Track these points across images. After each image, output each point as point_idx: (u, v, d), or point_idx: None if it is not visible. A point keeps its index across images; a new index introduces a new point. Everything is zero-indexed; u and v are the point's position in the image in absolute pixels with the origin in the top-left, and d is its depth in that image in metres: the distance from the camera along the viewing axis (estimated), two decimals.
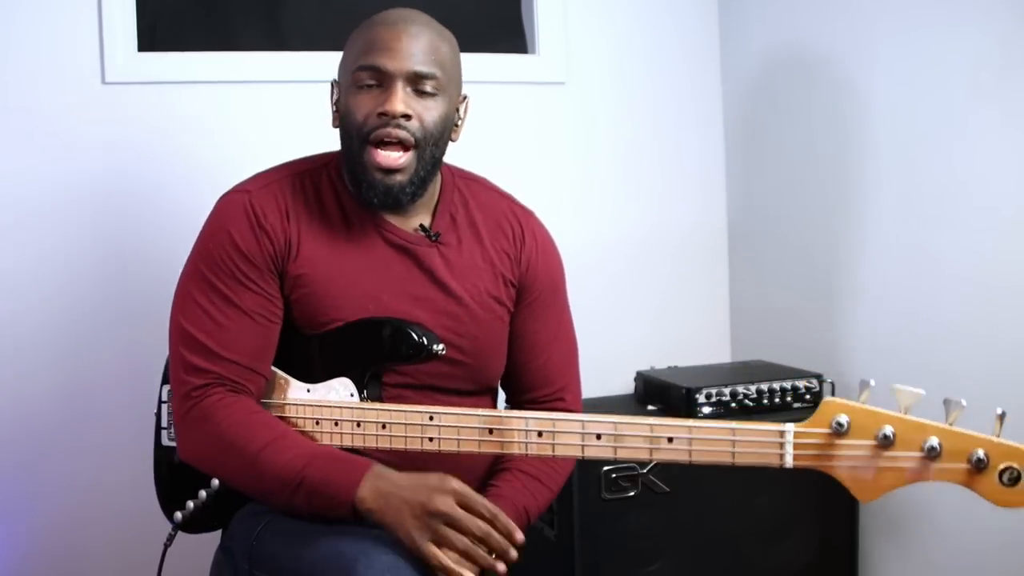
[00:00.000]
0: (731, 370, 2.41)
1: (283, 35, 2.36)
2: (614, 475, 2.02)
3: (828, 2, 2.26)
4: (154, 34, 2.22)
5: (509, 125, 2.45)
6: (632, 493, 2.03)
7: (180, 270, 1.56)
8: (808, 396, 2.20)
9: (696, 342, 2.58)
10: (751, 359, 2.47)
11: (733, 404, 2.16)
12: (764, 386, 2.18)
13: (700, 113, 2.62)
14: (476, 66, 2.39)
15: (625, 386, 2.42)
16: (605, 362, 2.38)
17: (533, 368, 1.64)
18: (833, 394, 2.23)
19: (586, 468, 2.00)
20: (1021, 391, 1.79)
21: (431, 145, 1.47)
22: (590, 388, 2.31)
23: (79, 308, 2.16)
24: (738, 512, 2.10)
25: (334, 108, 1.54)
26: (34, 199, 2.13)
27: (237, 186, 1.55)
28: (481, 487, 1.55)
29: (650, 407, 2.30)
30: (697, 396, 2.14)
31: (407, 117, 1.44)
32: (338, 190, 1.55)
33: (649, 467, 2.03)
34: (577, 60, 2.50)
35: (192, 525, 1.57)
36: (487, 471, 1.59)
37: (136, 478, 1.66)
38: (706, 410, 2.14)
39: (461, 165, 1.77)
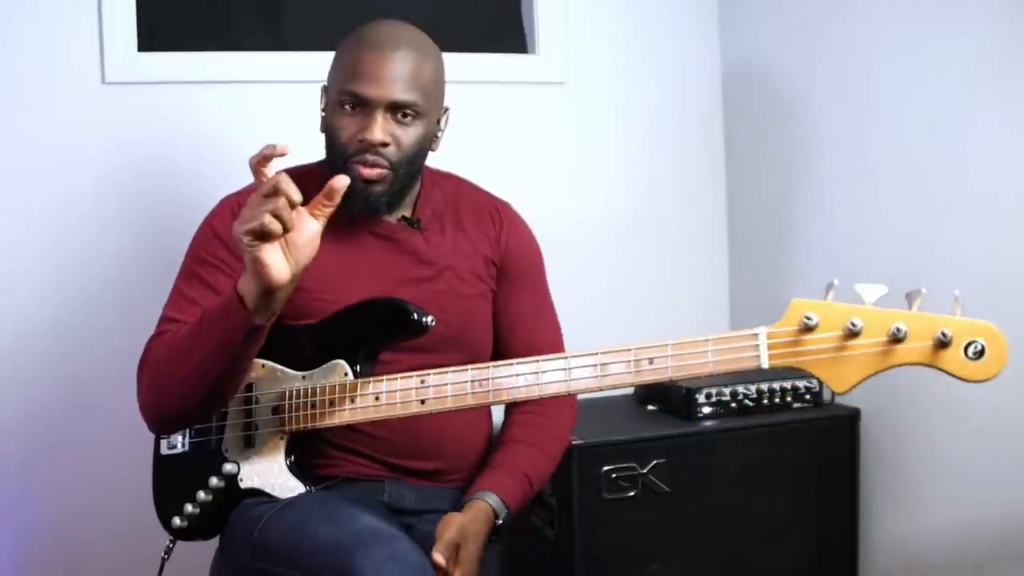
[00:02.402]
0: None
1: (284, 35, 2.36)
2: (614, 475, 2.02)
3: (829, 3, 2.27)
4: (154, 34, 2.22)
5: (509, 125, 2.45)
6: (632, 493, 2.03)
7: (179, 269, 1.62)
8: (808, 396, 2.20)
9: None
10: None
11: (733, 404, 2.16)
12: (764, 386, 2.18)
13: (700, 113, 2.61)
14: (476, 66, 2.42)
15: None
16: None
17: (518, 345, 1.68)
18: (834, 394, 2.23)
19: (586, 468, 2.00)
20: (1021, 387, 1.80)
21: (406, 164, 1.57)
22: None
23: (79, 307, 2.16)
24: (738, 512, 2.10)
25: (322, 113, 1.62)
26: (34, 199, 2.13)
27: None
28: (480, 463, 1.66)
29: (650, 407, 2.30)
30: (697, 396, 2.14)
31: (384, 144, 1.53)
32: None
33: (649, 467, 2.03)
34: (577, 60, 2.50)
35: (190, 532, 1.59)
36: (478, 458, 1.67)
37: (138, 474, 1.68)
38: (706, 410, 2.14)
39: (462, 165, 1.79)
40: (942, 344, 1.18)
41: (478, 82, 2.40)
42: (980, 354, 1.18)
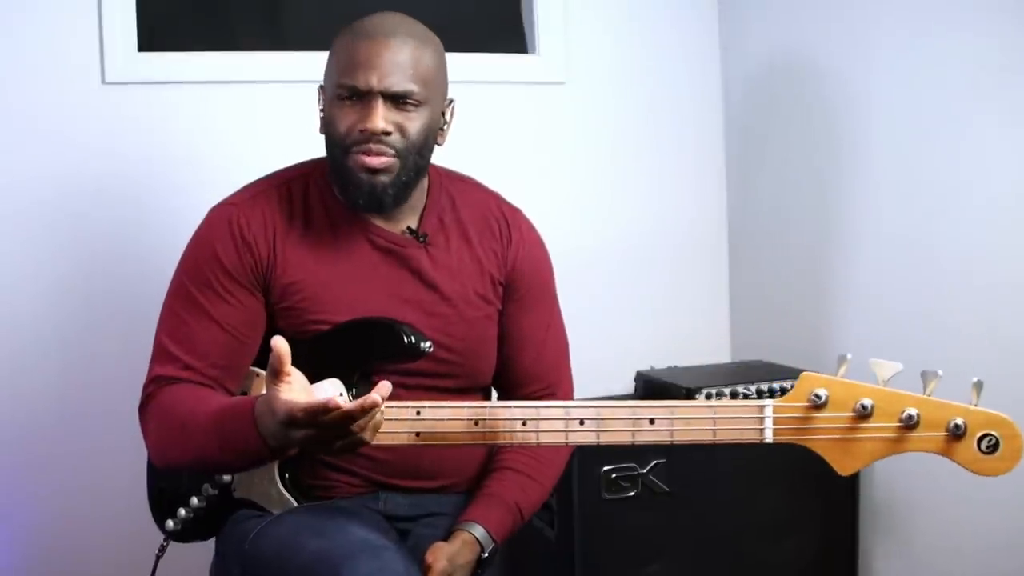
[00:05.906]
0: (731, 370, 2.41)
1: (283, 35, 2.36)
2: (614, 475, 2.02)
3: (828, 2, 2.26)
4: (154, 34, 2.22)
5: (509, 125, 2.45)
6: (632, 493, 2.03)
7: (172, 283, 1.57)
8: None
9: (696, 342, 2.58)
10: (751, 359, 2.47)
11: None
12: (764, 386, 2.18)
13: (700, 113, 2.61)
14: (476, 66, 2.42)
15: (625, 386, 2.42)
16: (605, 362, 2.38)
17: (524, 364, 1.64)
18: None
19: (586, 468, 2.00)
20: (1020, 388, 1.79)
21: (414, 154, 1.48)
22: (590, 389, 2.31)
23: (77, 307, 2.16)
24: (738, 512, 2.10)
25: (321, 113, 1.54)
26: (33, 199, 2.13)
27: (225, 199, 1.57)
28: (473, 487, 1.60)
29: None
30: (697, 396, 2.14)
31: (387, 133, 1.45)
32: (324, 196, 1.56)
33: (649, 467, 2.03)
34: (577, 60, 2.50)
35: (184, 534, 1.58)
36: (479, 471, 1.62)
37: (134, 479, 1.67)
38: None
39: (461, 166, 1.77)
40: (955, 436, 1.14)
41: (478, 82, 2.40)
42: (994, 448, 1.14)
